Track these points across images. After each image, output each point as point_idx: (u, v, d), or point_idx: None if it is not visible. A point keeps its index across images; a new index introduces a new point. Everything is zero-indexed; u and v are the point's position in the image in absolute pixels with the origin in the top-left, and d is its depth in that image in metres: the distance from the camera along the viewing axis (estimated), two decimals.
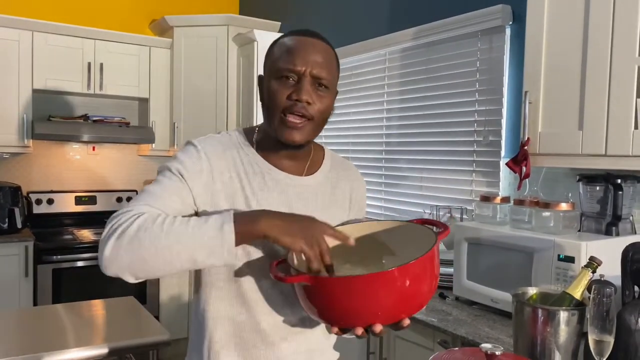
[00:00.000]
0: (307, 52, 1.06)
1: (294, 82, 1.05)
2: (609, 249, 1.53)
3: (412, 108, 2.94)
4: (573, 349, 1.25)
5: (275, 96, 1.06)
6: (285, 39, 1.09)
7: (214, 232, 0.94)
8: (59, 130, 3.57)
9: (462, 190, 2.65)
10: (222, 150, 1.11)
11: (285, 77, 1.05)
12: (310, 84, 1.05)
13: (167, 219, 0.96)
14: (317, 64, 1.06)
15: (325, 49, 1.09)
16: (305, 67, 1.05)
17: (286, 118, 1.05)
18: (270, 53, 1.11)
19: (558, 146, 1.81)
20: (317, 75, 1.06)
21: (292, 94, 1.04)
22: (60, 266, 3.32)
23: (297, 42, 1.07)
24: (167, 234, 0.94)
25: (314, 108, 1.06)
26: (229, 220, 0.95)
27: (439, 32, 2.68)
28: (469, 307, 1.98)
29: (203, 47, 3.84)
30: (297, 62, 1.05)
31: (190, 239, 0.94)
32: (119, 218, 0.98)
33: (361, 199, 1.29)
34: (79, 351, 1.75)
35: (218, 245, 0.94)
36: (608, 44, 1.66)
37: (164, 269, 0.95)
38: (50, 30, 3.54)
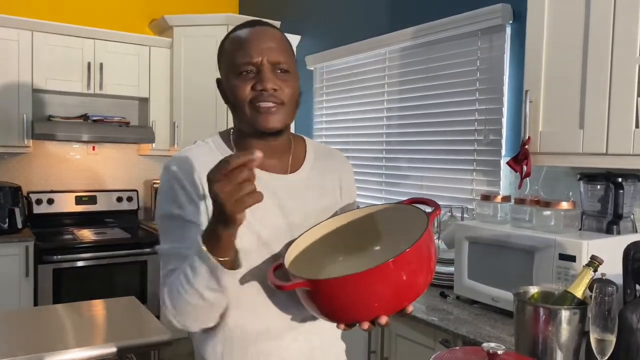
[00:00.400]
0: (259, 41, 1.05)
1: (254, 74, 1.05)
2: (610, 247, 1.53)
3: (412, 107, 2.93)
4: (575, 347, 1.25)
5: (239, 91, 1.05)
6: (234, 35, 1.09)
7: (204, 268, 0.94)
8: (59, 130, 3.57)
9: (462, 190, 2.64)
10: (202, 160, 1.08)
11: (244, 72, 1.05)
12: (271, 72, 1.05)
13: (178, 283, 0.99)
14: (272, 50, 1.05)
15: (276, 35, 1.09)
16: (261, 56, 1.04)
17: (257, 105, 1.05)
18: (222, 52, 1.11)
19: (559, 145, 1.81)
20: (275, 61, 1.05)
21: (255, 85, 1.04)
22: (60, 266, 3.32)
23: (247, 34, 1.07)
24: (187, 294, 0.98)
25: (283, 93, 1.06)
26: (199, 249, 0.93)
27: (439, 31, 2.68)
28: (470, 306, 1.98)
29: (203, 46, 3.83)
30: (253, 53, 1.04)
31: (201, 285, 0.96)
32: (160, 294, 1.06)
33: (351, 185, 1.28)
34: (80, 351, 1.75)
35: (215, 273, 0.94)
36: (609, 42, 1.66)
37: (215, 309, 1.03)
38: (49, 30, 3.54)
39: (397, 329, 2.01)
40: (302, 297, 1.00)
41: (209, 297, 0.98)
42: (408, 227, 1.07)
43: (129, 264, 3.52)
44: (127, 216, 4.06)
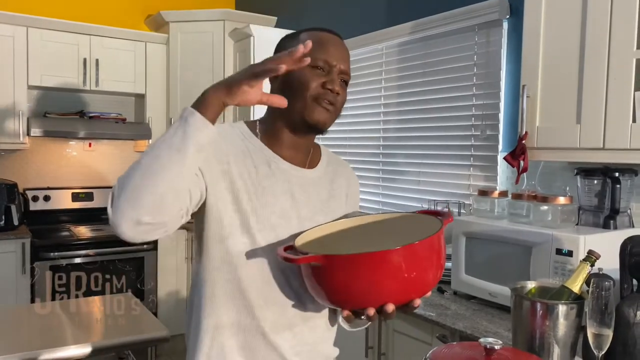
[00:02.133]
0: (337, 48, 1.14)
1: (324, 73, 1.11)
2: (607, 242, 1.53)
3: (409, 102, 2.93)
4: (572, 342, 1.25)
5: (309, 83, 1.09)
6: (312, 33, 1.14)
7: (177, 123, 0.97)
8: (55, 127, 3.55)
9: (459, 185, 2.64)
10: (227, 135, 1.12)
11: (318, 67, 1.10)
12: (338, 77, 1.12)
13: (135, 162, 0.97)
14: (345, 60, 1.14)
15: (347, 49, 1.18)
16: (337, 61, 1.12)
17: (319, 101, 1.10)
18: (293, 42, 1.11)
19: (556, 140, 1.81)
20: (344, 71, 1.13)
21: (326, 83, 1.10)
22: (57, 263, 3.31)
23: (328, 37, 1.14)
24: (142, 158, 0.95)
25: (340, 99, 1.14)
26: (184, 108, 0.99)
27: (436, 26, 2.67)
28: (467, 301, 1.98)
29: (199, 42, 3.82)
30: (331, 54, 1.11)
31: (161, 141, 0.95)
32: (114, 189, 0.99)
33: (355, 196, 1.32)
34: (77, 348, 1.75)
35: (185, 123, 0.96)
36: (606, 37, 1.66)
37: (165, 185, 0.93)
38: (45, 26, 3.52)
39: (394, 325, 2.01)
40: (311, 276, 0.99)
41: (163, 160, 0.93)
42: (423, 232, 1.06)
43: (126, 260, 3.52)
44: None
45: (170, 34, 3.88)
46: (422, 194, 2.84)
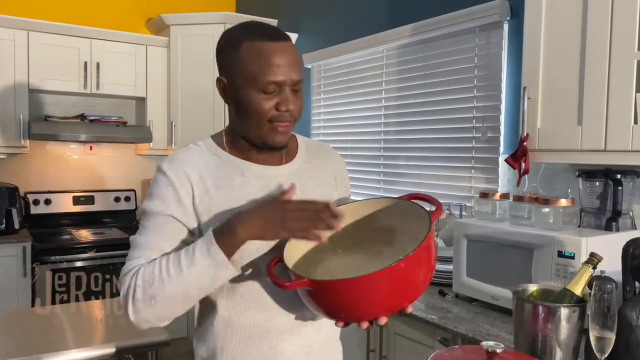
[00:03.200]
0: (284, 59, 1.06)
1: (276, 93, 1.07)
2: (609, 244, 1.52)
3: (410, 105, 2.93)
4: (574, 345, 1.24)
5: (261, 108, 1.07)
6: (253, 44, 1.06)
7: (206, 261, 0.98)
8: (56, 130, 3.55)
9: (461, 187, 2.64)
10: (193, 163, 1.12)
11: (268, 91, 1.06)
12: (291, 92, 1.08)
13: (162, 269, 1.00)
14: (292, 69, 1.07)
15: (294, 49, 1.10)
16: (286, 76, 1.06)
17: (275, 125, 1.08)
18: (234, 56, 1.07)
19: (557, 142, 1.80)
20: (295, 80, 1.08)
21: (279, 105, 1.07)
22: (58, 266, 3.30)
23: (273, 50, 1.06)
24: (170, 282, 0.99)
25: (296, 111, 1.10)
26: (211, 242, 0.99)
27: (436, 28, 2.67)
28: (468, 304, 1.98)
29: (200, 45, 3.82)
30: (279, 73, 1.05)
31: (191, 277, 0.99)
32: (123, 282, 1.04)
33: (344, 178, 1.31)
34: (78, 352, 1.75)
35: (215, 269, 0.98)
36: (607, 38, 1.65)
37: (186, 306, 1.04)
38: (45, 30, 3.52)
39: (396, 328, 2.01)
40: (302, 294, 1.01)
41: (192, 293, 1.01)
42: (409, 225, 1.07)
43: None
44: (124, 216, 4.05)
45: (170, 37, 3.88)
46: None
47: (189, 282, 0.99)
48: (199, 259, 0.98)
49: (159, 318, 1.03)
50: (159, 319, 1.03)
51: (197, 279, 0.98)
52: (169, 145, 3.95)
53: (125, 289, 1.02)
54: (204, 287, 1.01)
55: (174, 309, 1.03)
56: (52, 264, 3.28)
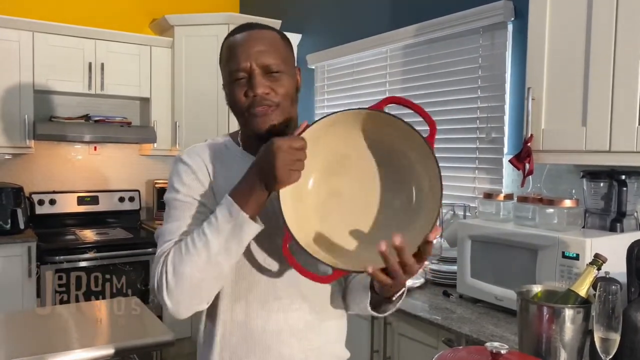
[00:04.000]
0: (246, 46, 1.08)
1: (245, 80, 1.07)
2: (613, 245, 1.52)
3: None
4: (579, 346, 1.24)
5: (234, 98, 1.09)
6: (227, 41, 1.12)
7: (230, 224, 0.98)
8: (61, 131, 3.57)
9: (465, 188, 2.63)
10: (210, 154, 1.14)
11: (237, 79, 1.07)
12: (262, 76, 1.07)
13: (188, 244, 1.01)
14: (261, 53, 1.07)
15: (266, 36, 1.10)
16: (249, 61, 1.06)
17: (251, 112, 1.08)
18: (220, 59, 1.14)
19: (561, 143, 1.80)
20: (265, 64, 1.07)
21: (247, 91, 1.07)
22: (63, 267, 3.31)
23: (236, 40, 1.10)
24: (198, 255, 0.99)
25: (275, 95, 1.08)
26: (231, 204, 0.99)
27: (440, 28, 2.67)
28: (473, 305, 1.97)
29: (204, 46, 3.83)
30: (241, 59, 1.07)
31: (218, 244, 0.99)
32: (155, 270, 1.04)
33: None
34: (83, 352, 1.75)
35: (240, 230, 0.98)
36: (612, 39, 1.65)
37: (221, 279, 1.03)
38: (50, 31, 3.53)
39: (399, 328, 2.01)
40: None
41: (221, 261, 1.00)
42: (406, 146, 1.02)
43: (131, 264, 3.52)
44: (129, 216, 4.06)
45: (175, 37, 3.89)
46: None
47: (217, 250, 0.99)
48: (222, 224, 0.98)
49: (195, 298, 1.02)
50: (194, 299, 1.02)
51: (225, 244, 0.98)
52: (173, 146, 3.96)
53: (158, 276, 1.02)
54: (231, 252, 1.00)
55: (208, 285, 1.02)
56: (56, 264, 3.30)
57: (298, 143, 0.96)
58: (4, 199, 3.35)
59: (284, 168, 0.95)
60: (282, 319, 1.12)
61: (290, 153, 0.95)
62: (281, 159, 0.94)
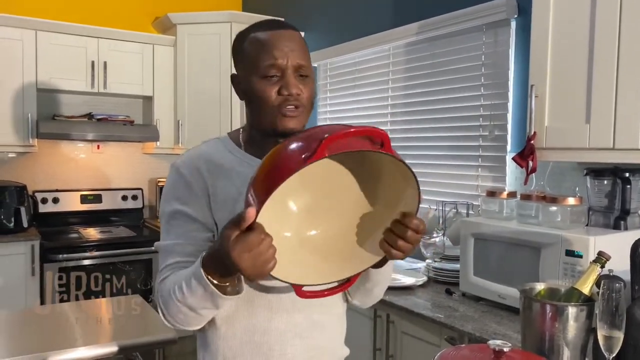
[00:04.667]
0: (283, 44, 1.06)
1: (278, 78, 1.06)
2: (617, 243, 1.51)
3: (416, 103, 2.92)
4: (582, 344, 1.24)
5: (265, 94, 1.06)
6: (254, 35, 1.09)
7: (201, 291, 0.96)
8: (64, 129, 3.57)
9: (468, 186, 2.63)
10: (205, 158, 1.13)
11: (269, 75, 1.06)
12: (294, 76, 1.07)
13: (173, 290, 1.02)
14: (295, 53, 1.07)
15: (298, 37, 1.11)
16: (286, 59, 1.06)
17: (282, 111, 1.06)
18: (240, 51, 1.12)
19: (565, 140, 1.79)
20: (298, 65, 1.07)
21: (281, 89, 1.06)
22: (66, 265, 3.32)
23: (270, 36, 1.07)
24: (180, 304, 1.01)
25: (304, 97, 1.08)
26: (200, 276, 0.94)
27: (443, 26, 2.66)
28: (475, 303, 1.97)
29: (206, 44, 3.83)
30: (277, 55, 1.05)
31: (194, 303, 1.00)
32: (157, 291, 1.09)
33: None
34: (86, 350, 1.75)
35: (212, 298, 0.97)
36: (615, 35, 1.64)
37: (204, 320, 1.08)
38: (53, 29, 3.54)
39: (402, 327, 2.00)
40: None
41: (202, 312, 1.02)
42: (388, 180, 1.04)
43: (134, 262, 3.53)
44: (132, 214, 4.07)
45: (177, 36, 3.89)
46: (429, 195, 2.82)
47: (195, 306, 1.00)
48: (196, 288, 0.97)
49: (187, 326, 1.07)
50: (187, 326, 1.07)
51: (200, 304, 0.99)
52: (175, 144, 3.96)
53: (157, 299, 1.08)
54: (208, 310, 1.02)
55: (194, 322, 1.06)
56: (60, 262, 3.30)
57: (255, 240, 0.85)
58: (8, 198, 3.36)
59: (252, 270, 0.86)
60: (285, 319, 1.11)
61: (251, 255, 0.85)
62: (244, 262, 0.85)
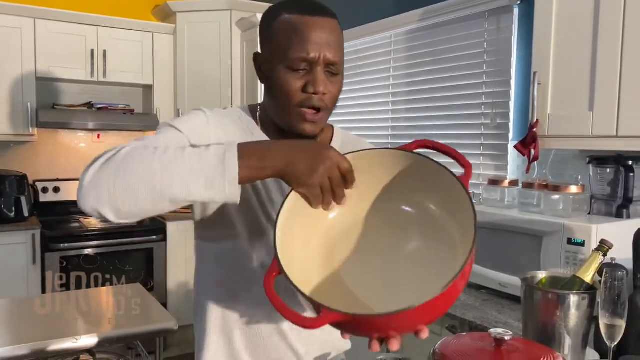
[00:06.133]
0: (318, 36, 0.96)
1: (306, 71, 0.97)
2: (619, 231, 1.50)
3: (418, 91, 2.90)
4: (583, 333, 1.23)
5: (288, 88, 0.97)
6: (289, 17, 0.99)
7: (215, 160, 0.81)
8: (64, 118, 3.56)
9: None
10: (229, 125, 1.04)
11: (297, 68, 0.97)
12: (324, 71, 0.98)
13: (160, 147, 0.84)
14: (330, 48, 0.97)
15: (336, 28, 1.01)
16: (319, 53, 0.96)
17: (303, 111, 0.98)
18: (269, 30, 1.01)
19: (568, 128, 1.77)
20: (331, 61, 0.98)
21: (307, 86, 0.97)
22: (67, 254, 3.33)
23: (307, 24, 0.97)
24: (159, 158, 0.81)
25: (329, 96, 1.00)
26: (232, 149, 0.83)
27: (445, 13, 2.63)
28: (477, 291, 1.97)
29: (206, 32, 3.80)
30: (310, 48, 0.95)
31: (187, 165, 0.81)
32: (105, 152, 0.86)
33: None
34: (86, 338, 1.76)
35: (219, 175, 0.81)
36: (620, 22, 1.62)
37: (150, 201, 0.80)
38: (52, 18, 3.51)
39: None
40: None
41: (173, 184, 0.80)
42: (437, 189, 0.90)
43: (135, 251, 3.53)
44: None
45: (177, 24, 3.87)
46: None
47: (181, 169, 0.80)
48: (209, 155, 0.82)
49: (111, 197, 0.80)
50: (110, 198, 0.80)
51: (192, 172, 0.80)
52: None
53: (100, 156, 0.84)
54: (188, 188, 0.80)
55: (135, 193, 0.80)
56: (61, 251, 3.31)
57: (352, 175, 0.85)
58: (8, 187, 3.36)
59: (322, 180, 0.83)
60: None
61: (337, 176, 0.84)
62: (327, 171, 0.83)
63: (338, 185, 0.85)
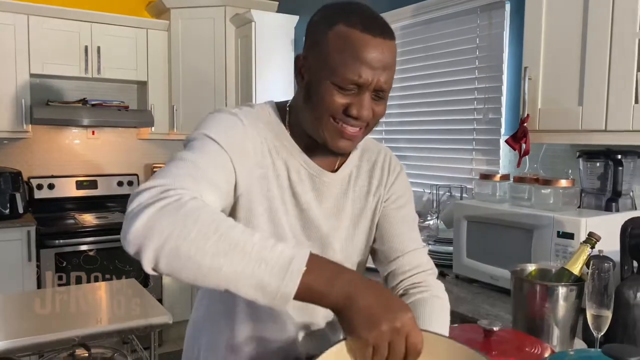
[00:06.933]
0: (377, 60, 0.89)
1: (354, 92, 0.91)
2: (608, 224, 1.52)
3: (411, 87, 2.91)
4: (571, 324, 1.25)
5: (330, 105, 0.91)
6: (349, 31, 0.90)
7: (277, 269, 0.71)
8: (58, 115, 3.56)
9: (462, 169, 2.64)
10: (264, 130, 0.98)
11: (346, 88, 0.90)
12: (371, 96, 0.92)
13: (229, 219, 0.76)
14: (383, 71, 0.90)
15: (393, 52, 0.93)
16: (372, 78, 0.89)
17: (341, 127, 0.92)
18: (321, 37, 0.92)
19: (558, 122, 1.79)
20: (382, 88, 0.92)
21: (350, 108, 0.91)
22: (62, 250, 3.33)
23: (367, 45, 0.89)
24: (220, 235, 0.72)
25: (373, 119, 0.95)
26: (301, 258, 0.72)
27: (438, 8, 2.65)
28: (469, 284, 1.99)
29: (200, 28, 3.80)
30: (365, 73, 0.89)
31: (245, 258, 0.71)
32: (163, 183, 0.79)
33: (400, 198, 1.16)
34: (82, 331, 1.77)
35: (274, 285, 0.71)
36: (609, 18, 1.63)
37: (192, 277, 0.73)
38: (46, 14, 3.50)
39: None
40: None
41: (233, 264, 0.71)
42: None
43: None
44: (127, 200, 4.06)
45: (171, 20, 3.86)
46: (424, 179, 2.83)
47: (237, 260, 0.71)
48: (272, 256, 0.71)
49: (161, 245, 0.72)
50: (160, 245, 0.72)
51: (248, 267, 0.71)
52: (170, 130, 3.95)
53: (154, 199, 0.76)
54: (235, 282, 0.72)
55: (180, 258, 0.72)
56: (56, 247, 3.31)
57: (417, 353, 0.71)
58: (3, 184, 3.35)
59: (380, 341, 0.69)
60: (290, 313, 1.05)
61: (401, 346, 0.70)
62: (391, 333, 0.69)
63: (396, 358, 0.70)
